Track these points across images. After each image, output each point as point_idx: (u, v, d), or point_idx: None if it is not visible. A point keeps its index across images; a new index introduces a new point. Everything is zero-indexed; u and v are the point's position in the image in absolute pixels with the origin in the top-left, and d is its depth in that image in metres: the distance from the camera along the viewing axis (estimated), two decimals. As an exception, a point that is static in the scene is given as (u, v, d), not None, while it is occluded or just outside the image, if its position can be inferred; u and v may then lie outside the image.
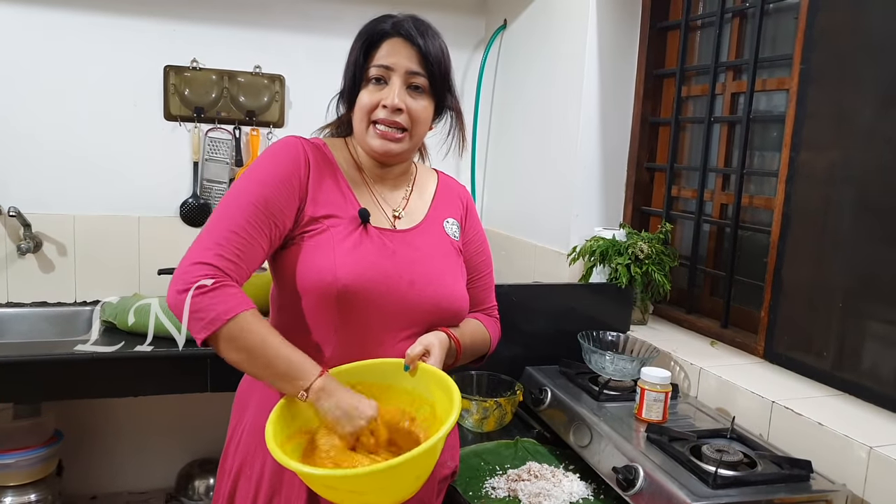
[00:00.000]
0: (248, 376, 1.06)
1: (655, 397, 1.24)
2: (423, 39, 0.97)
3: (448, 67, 1.01)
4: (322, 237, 0.96)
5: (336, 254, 0.94)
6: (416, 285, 0.99)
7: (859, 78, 1.24)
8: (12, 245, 2.02)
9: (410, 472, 0.83)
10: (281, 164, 0.96)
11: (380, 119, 0.98)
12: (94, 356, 1.60)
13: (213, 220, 0.92)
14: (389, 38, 0.98)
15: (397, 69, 0.97)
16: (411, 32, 0.97)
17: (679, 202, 1.81)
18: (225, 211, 0.92)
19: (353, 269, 0.94)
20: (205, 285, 0.85)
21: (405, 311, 0.98)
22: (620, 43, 1.83)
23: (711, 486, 1.00)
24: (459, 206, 1.14)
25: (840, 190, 1.28)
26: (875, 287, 1.20)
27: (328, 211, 0.98)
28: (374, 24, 1.00)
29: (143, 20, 2.07)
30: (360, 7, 2.17)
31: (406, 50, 0.97)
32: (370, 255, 0.97)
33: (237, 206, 0.92)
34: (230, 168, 2.19)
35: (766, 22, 1.51)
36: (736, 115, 1.61)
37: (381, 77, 0.98)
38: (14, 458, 1.84)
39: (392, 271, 0.97)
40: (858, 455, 1.04)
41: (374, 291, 0.95)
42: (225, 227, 0.90)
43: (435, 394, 0.93)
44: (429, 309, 1.00)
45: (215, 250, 0.88)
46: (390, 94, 0.97)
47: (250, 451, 0.98)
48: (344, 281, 0.93)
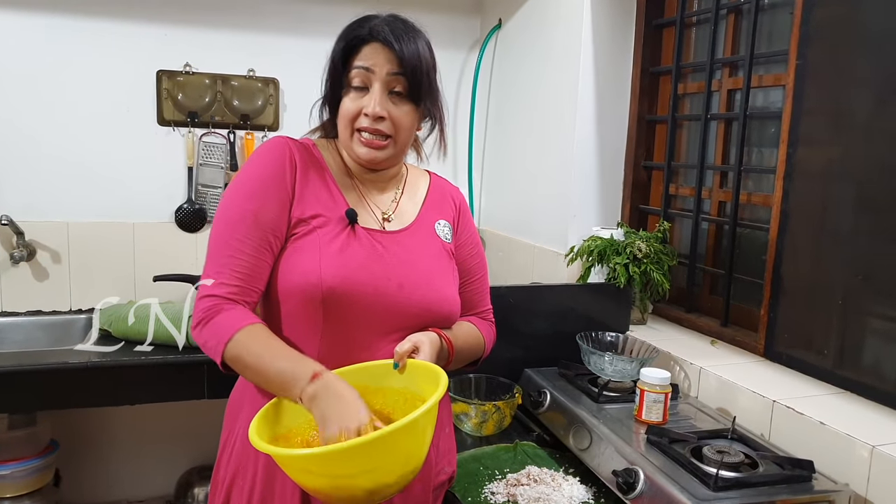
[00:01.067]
0: (238, 387, 1.05)
1: (655, 398, 1.22)
2: (399, 43, 0.95)
3: (429, 69, 0.99)
4: (308, 238, 0.95)
5: (322, 255, 0.93)
6: (405, 288, 0.97)
7: (856, 73, 1.23)
8: (5, 253, 2.00)
9: (392, 450, 0.79)
10: (266, 169, 0.96)
11: (363, 127, 0.97)
12: (90, 364, 1.59)
13: (210, 244, 0.95)
14: (368, 43, 0.96)
15: (377, 73, 0.96)
16: (388, 38, 0.95)
17: (677, 200, 1.80)
18: (218, 232, 0.94)
19: (339, 271, 0.93)
20: (202, 318, 0.90)
21: (393, 315, 0.96)
22: (616, 41, 1.82)
23: (713, 488, 0.98)
24: (452, 207, 1.13)
25: (838, 186, 1.26)
26: (875, 283, 1.19)
27: (315, 210, 0.97)
28: (352, 29, 0.98)
29: (134, 25, 2.05)
30: (353, 9, 2.13)
31: (384, 54, 0.95)
32: (357, 257, 0.95)
33: (229, 225, 0.93)
34: (225, 172, 2.18)
35: (762, 17, 1.50)
36: (733, 112, 1.60)
37: (362, 83, 0.97)
38: (10, 469, 1.82)
39: (380, 273, 0.96)
40: (861, 454, 1.03)
41: (361, 294, 0.93)
42: (222, 253, 0.92)
43: (426, 388, 0.91)
44: (417, 312, 0.98)
45: (216, 279, 0.92)
46: (371, 101, 0.95)
47: (242, 461, 0.97)
48: (330, 283, 0.91)
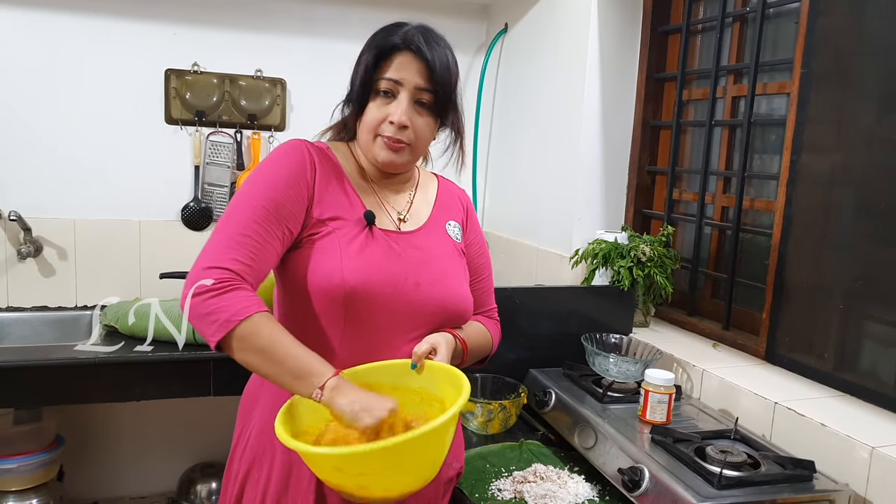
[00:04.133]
0: (253, 380, 1.06)
1: (659, 399, 1.25)
2: (432, 55, 0.97)
3: (455, 83, 1.02)
4: (328, 239, 0.96)
5: (343, 256, 0.95)
6: (422, 286, 0.99)
7: (859, 82, 1.25)
8: (12, 249, 2.01)
9: (420, 452, 0.81)
10: (287, 165, 0.97)
11: (385, 134, 0.99)
12: (96, 360, 1.60)
13: (222, 223, 0.92)
14: (400, 52, 0.97)
15: (406, 84, 0.97)
16: (421, 48, 0.97)
17: (680, 205, 1.82)
18: (234, 214, 0.92)
19: (360, 271, 0.94)
20: (217, 287, 0.85)
21: (411, 313, 0.99)
22: (622, 46, 1.84)
23: (716, 486, 1.00)
24: (460, 208, 1.16)
25: (840, 193, 1.29)
26: (875, 288, 1.21)
27: (334, 213, 0.98)
28: (385, 36, 0.99)
29: (143, 24, 2.07)
30: (360, 10, 2.18)
31: (415, 65, 0.97)
32: (376, 257, 0.97)
33: (246, 208, 0.92)
34: (231, 172, 2.19)
35: (767, 26, 1.53)
36: (737, 119, 1.62)
37: (390, 90, 0.98)
38: (15, 464, 1.83)
39: (398, 273, 0.98)
40: (861, 455, 1.05)
41: (381, 293, 0.96)
42: (235, 231, 0.90)
43: (444, 389, 0.93)
44: (434, 310, 1.01)
45: (227, 254, 0.88)
46: (398, 110, 0.97)
47: (258, 455, 0.98)
48: (352, 283, 0.93)
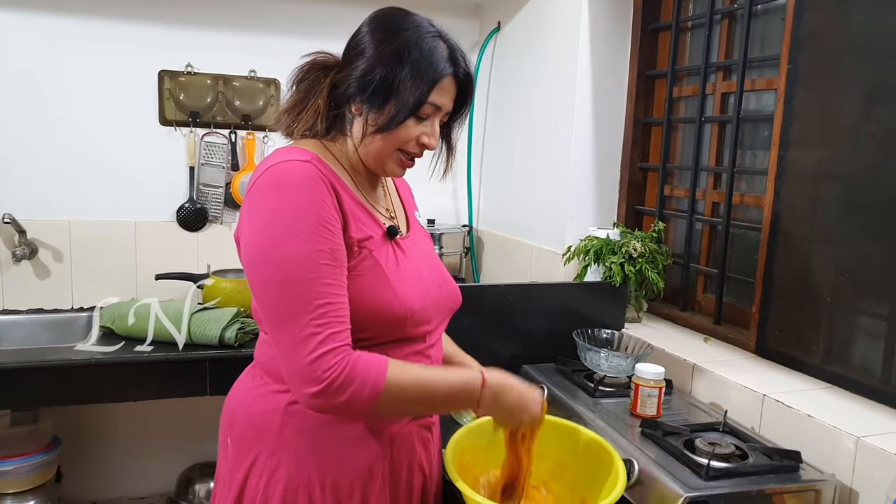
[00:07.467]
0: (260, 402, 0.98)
1: (650, 393, 1.26)
2: (471, 88, 0.98)
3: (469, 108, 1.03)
4: (368, 264, 0.92)
5: (392, 281, 0.92)
6: (443, 285, 1.02)
7: (845, 77, 1.27)
8: (7, 251, 2.01)
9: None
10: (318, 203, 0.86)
11: (409, 151, 0.96)
12: (93, 361, 1.61)
13: (290, 293, 0.84)
14: (447, 77, 0.93)
15: (443, 109, 0.95)
16: (469, 75, 0.96)
17: (672, 201, 1.84)
18: (303, 283, 0.84)
19: (410, 292, 0.94)
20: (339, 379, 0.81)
21: (441, 311, 1.02)
22: (613, 44, 1.86)
23: (704, 477, 1.02)
24: (411, 196, 1.18)
25: (827, 187, 1.30)
26: (861, 282, 1.23)
27: (363, 233, 0.93)
28: (439, 61, 0.92)
29: (136, 25, 2.07)
30: (353, 10, 2.16)
31: (454, 91, 0.96)
32: (413, 271, 0.97)
33: (311, 272, 0.84)
34: (226, 172, 2.20)
35: (755, 23, 1.54)
36: (726, 115, 1.64)
37: (425, 114, 0.94)
38: (13, 465, 1.84)
39: (429, 279, 1.00)
40: (846, 445, 1.06)
41: (430, 306, 0.98)
42: (315, 302, 0.83)
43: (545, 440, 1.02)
44: (450, 306, 1.04)
45: (325, 331, 0.82)
46: (432, 135, 0.95)
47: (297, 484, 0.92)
48: (408, 306, 0.92)
